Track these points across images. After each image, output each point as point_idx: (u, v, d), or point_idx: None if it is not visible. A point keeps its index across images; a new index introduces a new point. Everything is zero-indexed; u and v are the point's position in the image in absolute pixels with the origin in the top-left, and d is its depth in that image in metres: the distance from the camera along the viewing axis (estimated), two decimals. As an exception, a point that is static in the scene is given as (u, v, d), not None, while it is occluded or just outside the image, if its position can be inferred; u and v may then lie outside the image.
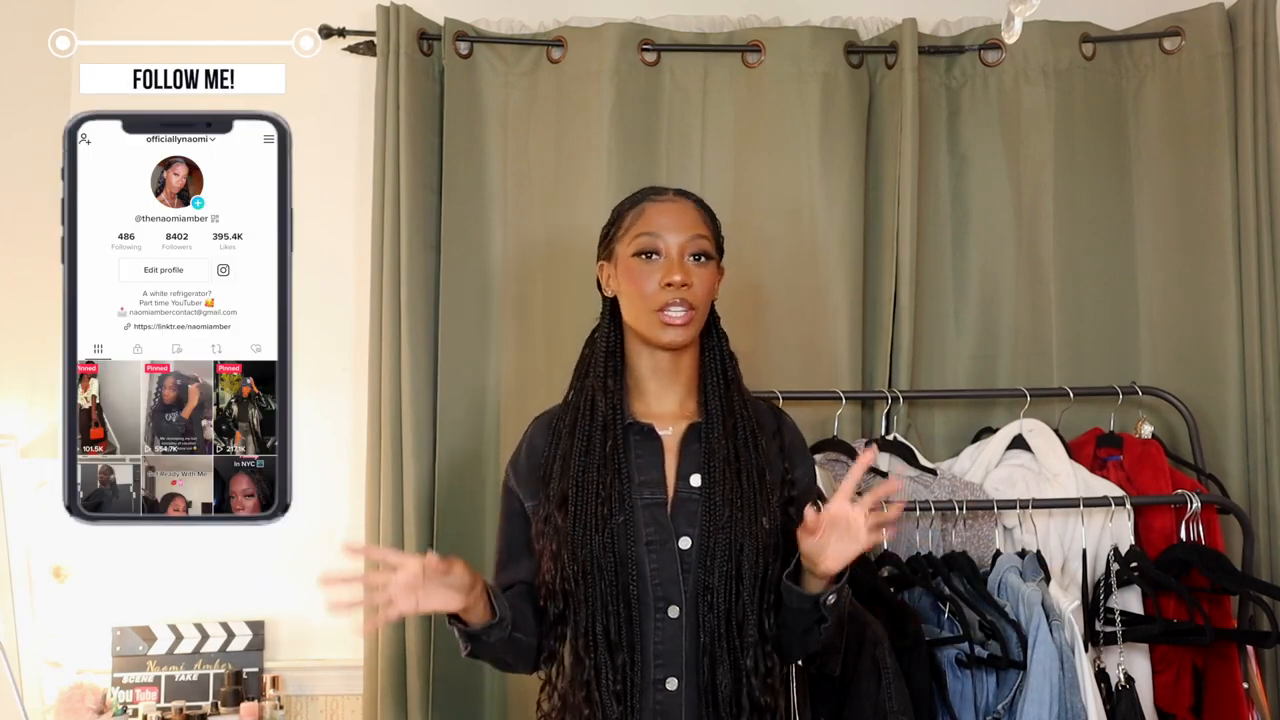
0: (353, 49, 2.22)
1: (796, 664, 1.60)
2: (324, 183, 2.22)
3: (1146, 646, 1.96)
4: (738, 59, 2.26)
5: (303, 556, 2.20)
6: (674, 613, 1.41)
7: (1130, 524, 1.95)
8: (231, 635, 2.15)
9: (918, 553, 1.92)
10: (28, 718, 1.88)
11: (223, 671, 2.12)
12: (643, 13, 2.27)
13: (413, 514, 2.10)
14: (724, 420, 1.47)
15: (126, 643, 2.11)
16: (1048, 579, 1.86)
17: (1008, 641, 1.76)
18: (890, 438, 2.13)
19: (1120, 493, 1.98)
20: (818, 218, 2.22)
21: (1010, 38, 1.73)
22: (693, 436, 1.48)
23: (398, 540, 2.10)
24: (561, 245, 2.18)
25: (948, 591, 1.85)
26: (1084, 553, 1.96)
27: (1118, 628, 1.87)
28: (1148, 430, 2.17)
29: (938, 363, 2.28)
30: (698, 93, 2.25)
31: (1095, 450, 2.15)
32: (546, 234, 2.21)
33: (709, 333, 1.54)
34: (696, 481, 1.45)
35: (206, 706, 2.09)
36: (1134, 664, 1.92)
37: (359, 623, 2.12)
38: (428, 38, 2.20)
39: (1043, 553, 1.92)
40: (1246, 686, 1.92)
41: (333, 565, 2.16)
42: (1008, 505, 1.94)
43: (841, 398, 2.10)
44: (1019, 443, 2.08)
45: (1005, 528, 1.98)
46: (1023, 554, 1.92)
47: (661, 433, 1.48)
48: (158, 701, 2.09)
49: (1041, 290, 2.26)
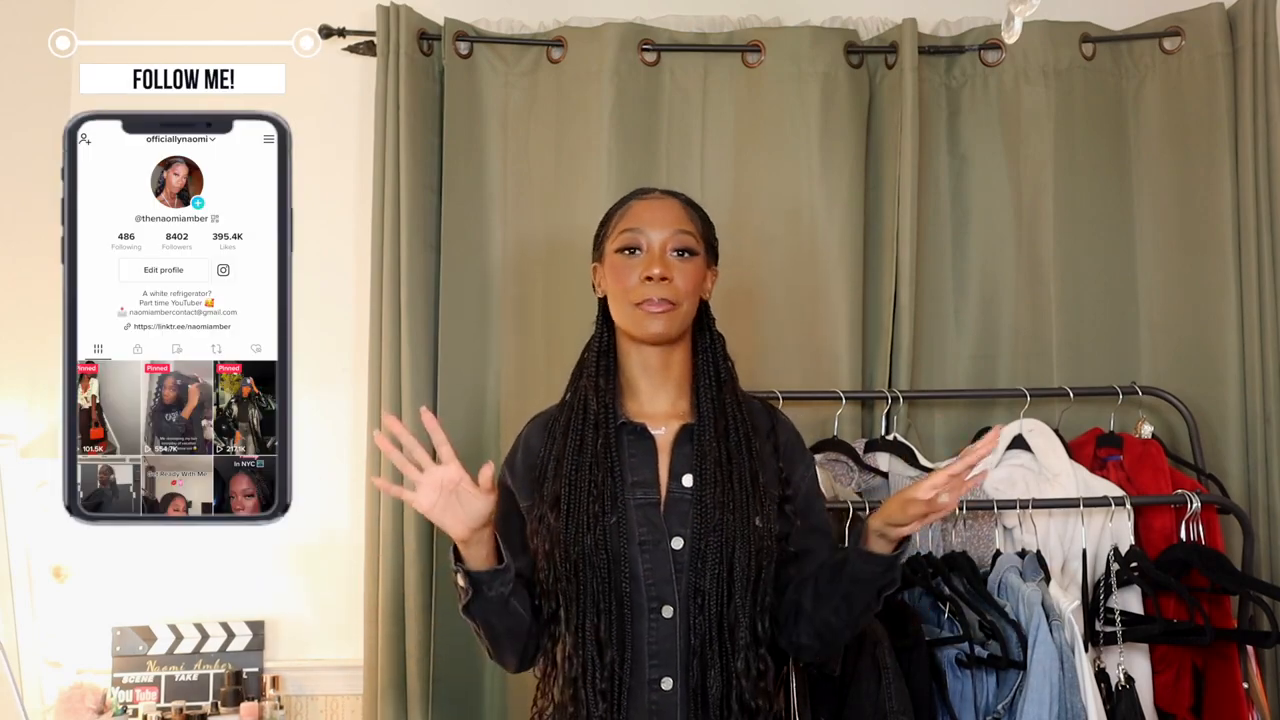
0: (353, 49, 2.22)
1: (796, 664, 1.60)
2: (324, 183, 2.22)
3: (1146, 646, 1.96)
4: (738, 59, 2.26)
5: (303, 556, 2.22)
6: (668, 612, 1.41)
7: (1130, 524, 1.95)
8: (231, 635, 2.15)
9: (918, 553, 1.92)
10: (28, 718, 1.88)
11: (223, 671, 2.12)
12: (643, 13, 2.27)
13: (413, 514, 2.09)
14: (716, 422, 1.47)
15: (126, 643, 2.11)
16: (1048, 579, 1.86)
17: (1008, 641, 1.76)
18: (890, 438, 2.13)
19: (1120, 493, 1.98)
20: (818, 218, 2.22)
21: (1010, 38, 1.73)
22: (685, 437, 1.48)
23: (397, 540, 2.10)
24: (561, 245, 2.18)
25: (948, 591, 1.84)
26: (1084, 553, 1.96)
27: (1118, 628, 1.87)
28: (1148, 430, 2.17)
29: (938, 363, 2.28)
30: (698, 93, 2.25)
31: (1095, 450, 2.15)
32: (546, 234, 2.21)
33: (702, 333, 1.54)
34: (689, 482, 1.44)
35: (206, 706, 2.09)
36: (1134, 664, 1.92)
37: (359, 621, 2.17)
38: (428, 38, 2.20)
39: (1043, 553, 1.92)
40: (1246, 686, 1.92)
41: (332, 566, 2.20)
42: (1008, 505, 1.94)
43: (841, 398, 2.10)
44: (1019, 443, 2.08)
45: (1005, 528, 1.98)
46: (1023, 554, 1.92)
47: (654, 432, 1.48)
48: (158, 701, 2.09)
49: (1041, 290, 2.26)
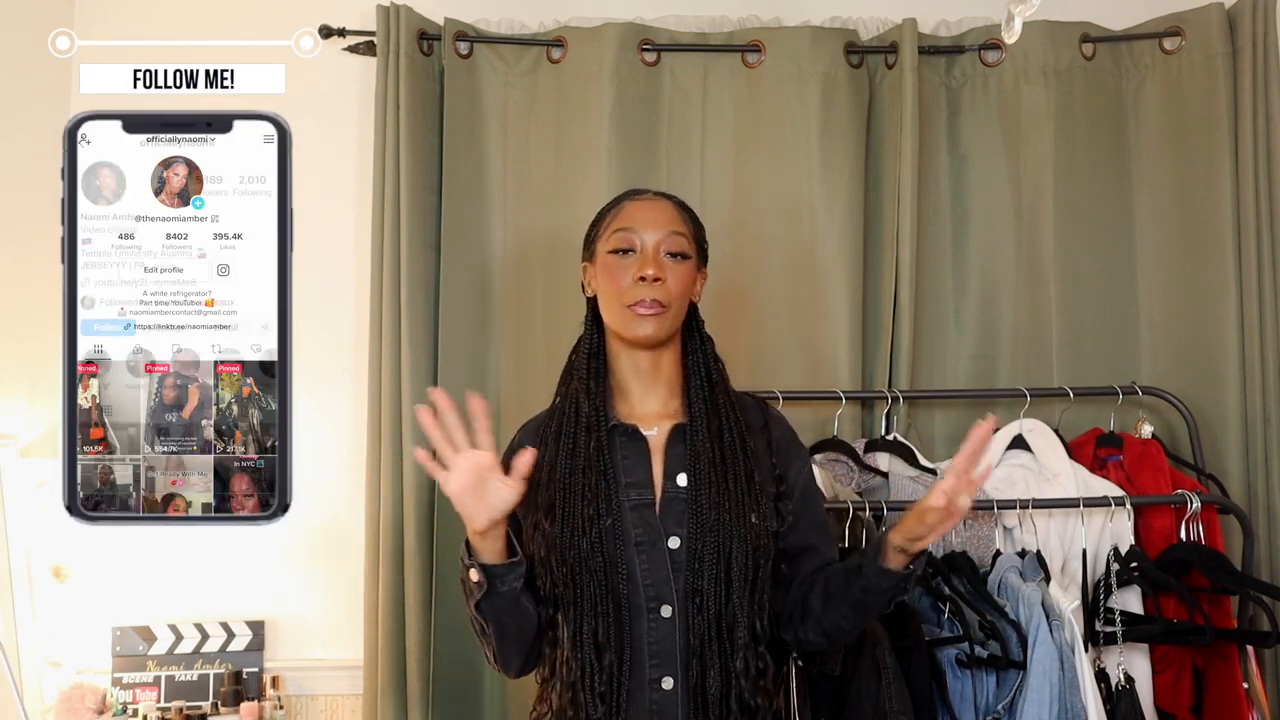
0: (353, 49, 2.22)
1: (796, 664, 1.60)
2: (324, 183, 2.22)
3: (1146, 646, 1.96)
4: (738, 59, 2.26)
5: (303, 556, 2.22)
6: (667, 612, 1.41)
7: (1130, 524, 1.95)
8: (231, 635, 2.15)
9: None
10: (28, 718, 1.88)
11: (223, 671, 2.12)
12: (643, 13, 2.27)
13: (413, 514, 2.09)
14: (709, 424, 1.47)
15: (126, 643, 2.11)
16: (1048, 579, 1.86)
17: (1008, 641, 1.76)
18: (890, 438, 2.13)
19: (1120, 493, 1.98)
20: (818, 218, 2.22)
21: (1010, 38, 1.73)
22: (678, 436, 1.48)
23: (398, 540, 2.10)
24: (561, 245, 2.17)
25: (948, 591, 1.84)
26: (1084, 553, 1.95)
27: (1118, 628, 1.87)
28: (1148, 430, 2.17)
29: (938, 363, 2.28)
30: (698, 93, 2.25)
31: (1095, 450, 2.15)
32: (546, 234, 2.21)
33: (691, 334, 1.53)
34: (683, 481, 1.44)
35: (206, 706, 2.09)
36: (1134, 664, 1.92)
37: (359, 621, 2.16)
38: (428, 38, 2.20)
39: (1043, 553, 1.92)
40: (1246, 686, 1.92)
41: (332, 566, 2.20)
42: (1008, 505, 1.94)
43: (841, 398, 2.10)
44: (1019, 443, 2.08)
45: (1005, 528, 1.98)
46: (1023, 554, 1.92)
47: (646, 433, 1.48)
48: (158, 701, 2.09)
49: (1041, 290, 2.26)
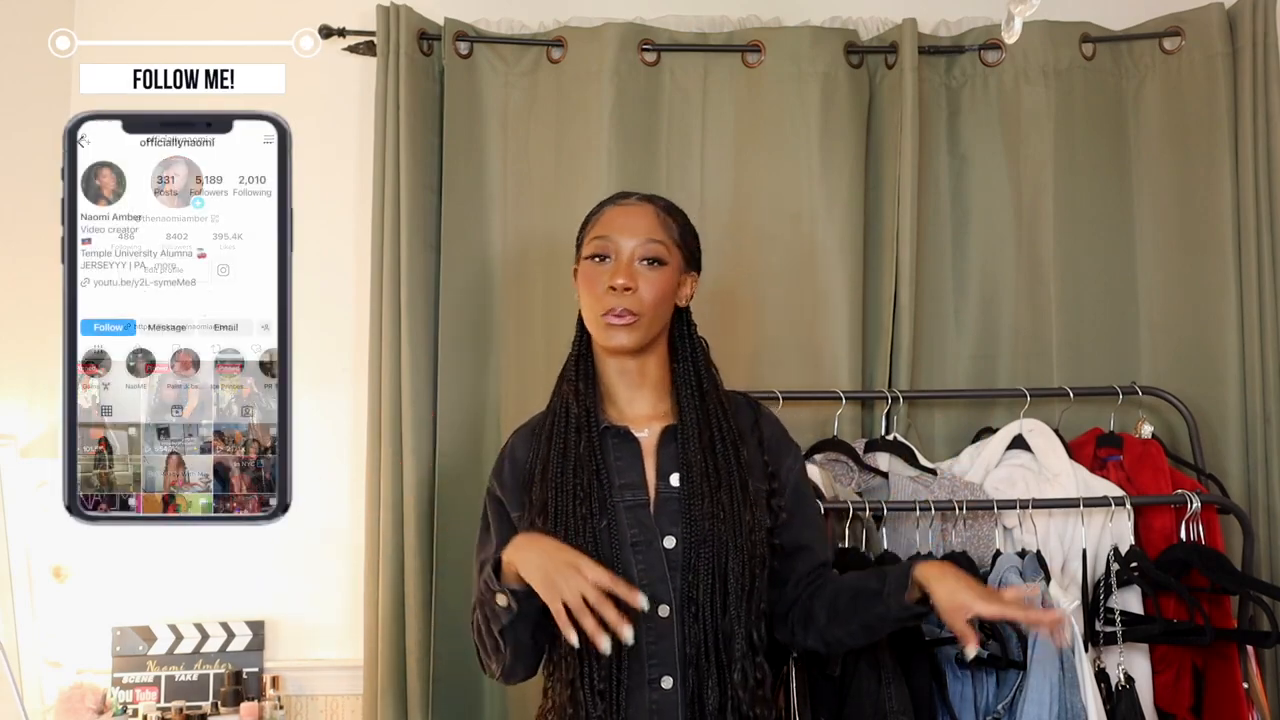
0: (353, 49, 2.22)
1: (796, 664, 1.60)
2: (324, 183, 2.22)
3: (1146, 646, 1.96)
4: (738, 59, 2.26)
5: (303, 556, 2.22)
6: (664, 612, 1.41)
7: (1130, 524, 1.95)
8: (231, 635, 2.15)
9: (918, 552, 1.92)
10: (28, 718, 1.88)
11: (223, 671, 2.12)
12: (643, 13, 2.26)
13: (413, 514, 2.09)
14: (700, 433, 1.46)
15: (126, 643, 2.11)
16: (1048, 579, 1.86)
17: (1008, 641, 1.76)
18: (890, 438, 2.13)
19: (1120, 493, 1.98)
20: (818, 218, 2.22)
21: (1010, 38, 1.73)
22: (670, 437, 1.48)
23: (398, 540, 2.10)
24: (561, 245, 2.16)
25: (948, 591, 1.84)
26: (1084, 553, 1.95)
27: (1118, 628, 1.87)
28: (1148, 430, 2.17)
29: (938, 363, 2.28)
30: (698, 93, 2.25)
31: (1095, 450, 2.15)
32: (546, 234, 2.21)
33: (681, 339, 1.53)
34: (676, 481, 1.44)
35: (206, 706, 2.09)
36: (1134, 664, 1.92)
37: (359, 621, 2.16)
38: (428, 38, 2.20)
39: (1043, 553, 1.92)
40: (1246, 686, 1.92)
41: (332, 566, 2.20)
42: (1008, 505, 1.94)
43: (841, 398, 2.10)
44: (1019, 443, 2.08)
45: (1005, 528, 1.98)
46: (1023, 554, 1.92)
47: (638, 434, 1.48)
48: (158, 701, 2.09)
49: (1041, 290, 2.26)
